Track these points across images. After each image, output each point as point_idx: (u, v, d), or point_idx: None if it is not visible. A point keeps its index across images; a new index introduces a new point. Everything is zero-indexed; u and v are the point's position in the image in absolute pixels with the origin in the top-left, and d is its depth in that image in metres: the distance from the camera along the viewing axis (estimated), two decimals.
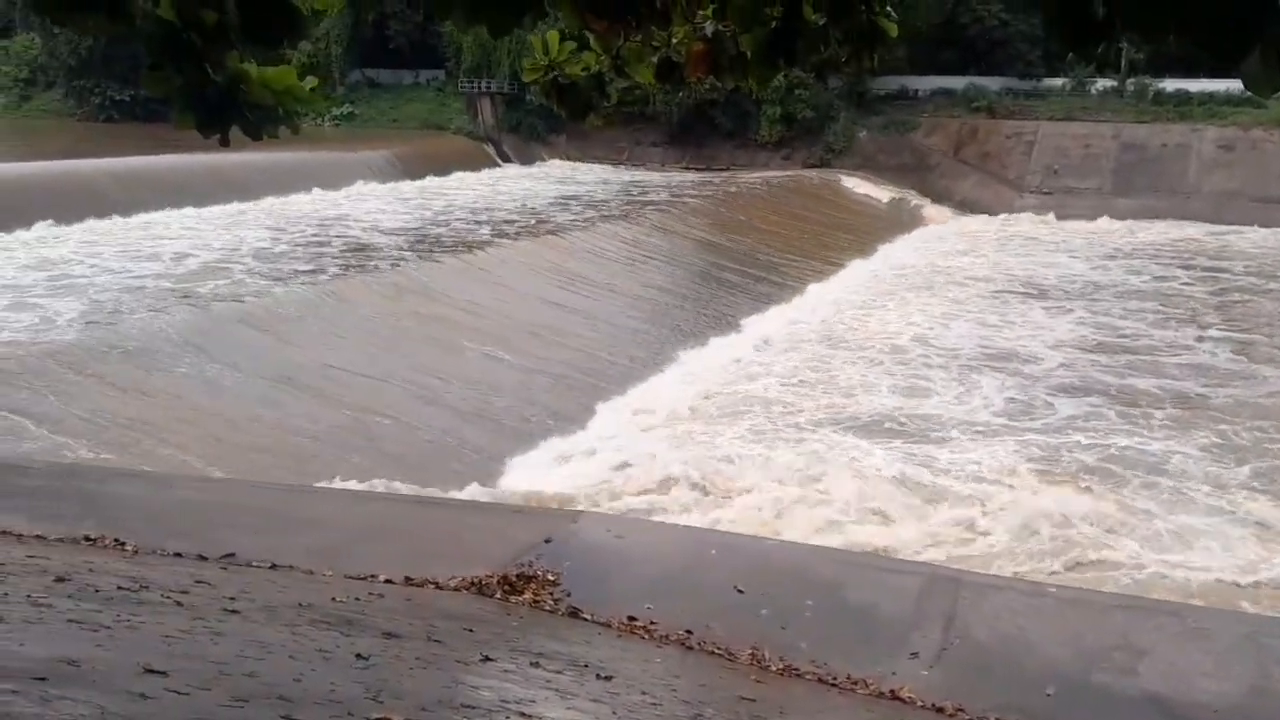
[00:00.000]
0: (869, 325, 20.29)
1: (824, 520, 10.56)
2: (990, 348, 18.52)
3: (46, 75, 58.36)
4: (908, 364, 17.26)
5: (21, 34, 60.25)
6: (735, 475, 11.73)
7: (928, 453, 12.73)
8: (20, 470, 6.73)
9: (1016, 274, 26.64)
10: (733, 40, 3.06)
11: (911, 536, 10.27)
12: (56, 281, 17.35)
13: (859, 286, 24.91)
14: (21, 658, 2.16)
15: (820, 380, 16.14)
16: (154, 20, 2.15)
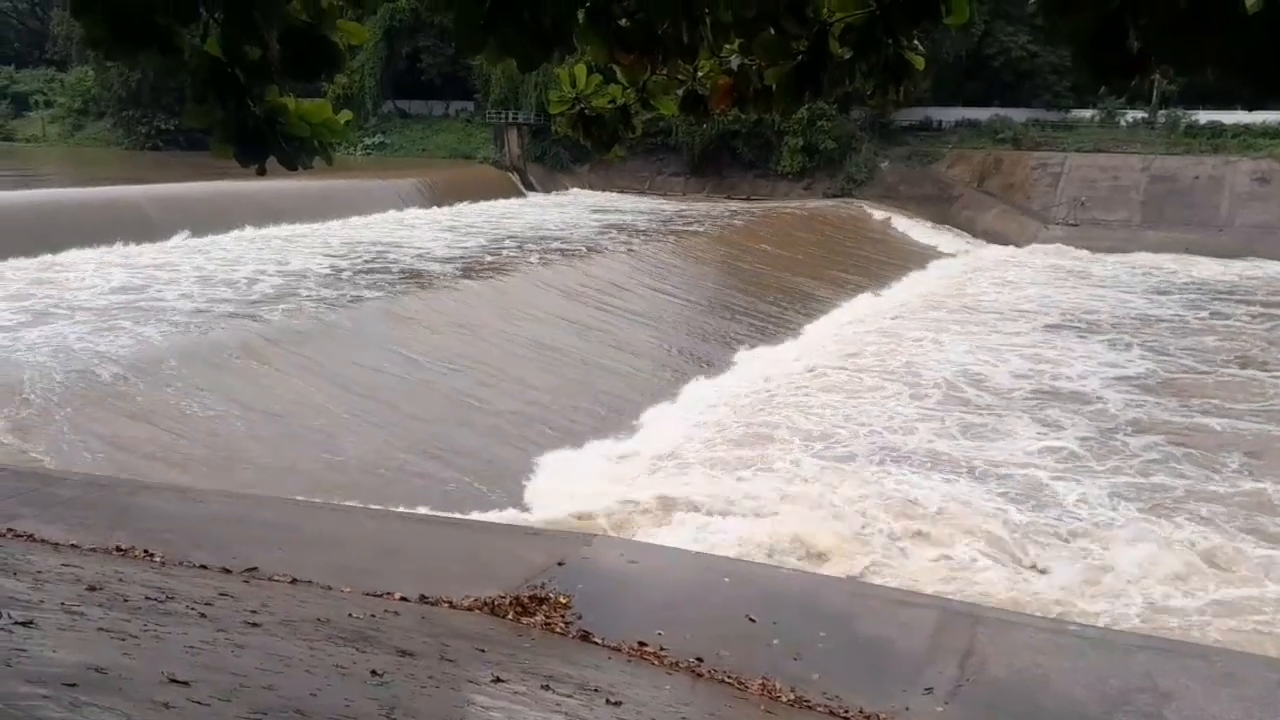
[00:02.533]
0: (913, 358, 19.89)
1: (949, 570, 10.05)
2: (1047, 386, 17.95)
3: (98, 106, 60.38)
4: (964, 402, 16.78)
5: (77, 67, 62.14)
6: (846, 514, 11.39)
7: (1023, 496, 12.23)
8: (59, 481, 6.85)
9: (1060, 307, 26.34)
10: (758, 74, 3.12)
11: (1045, 588, 9.75)
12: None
13: (886, 315, 24.94)
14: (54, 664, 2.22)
15: (884, 416, 15.78)
16: (201, 55, 2.24)
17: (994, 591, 9.40)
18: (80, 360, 12.96)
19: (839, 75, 2.74)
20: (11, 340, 13.96)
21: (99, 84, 58.24)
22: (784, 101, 2.85)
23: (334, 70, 2.36)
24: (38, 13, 75.09)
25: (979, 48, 45.30)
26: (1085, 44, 1.89)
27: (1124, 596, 9.54)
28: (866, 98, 3.07)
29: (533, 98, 46.28)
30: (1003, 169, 43.33)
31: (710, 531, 10.56)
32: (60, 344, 13.74)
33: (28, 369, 12.41)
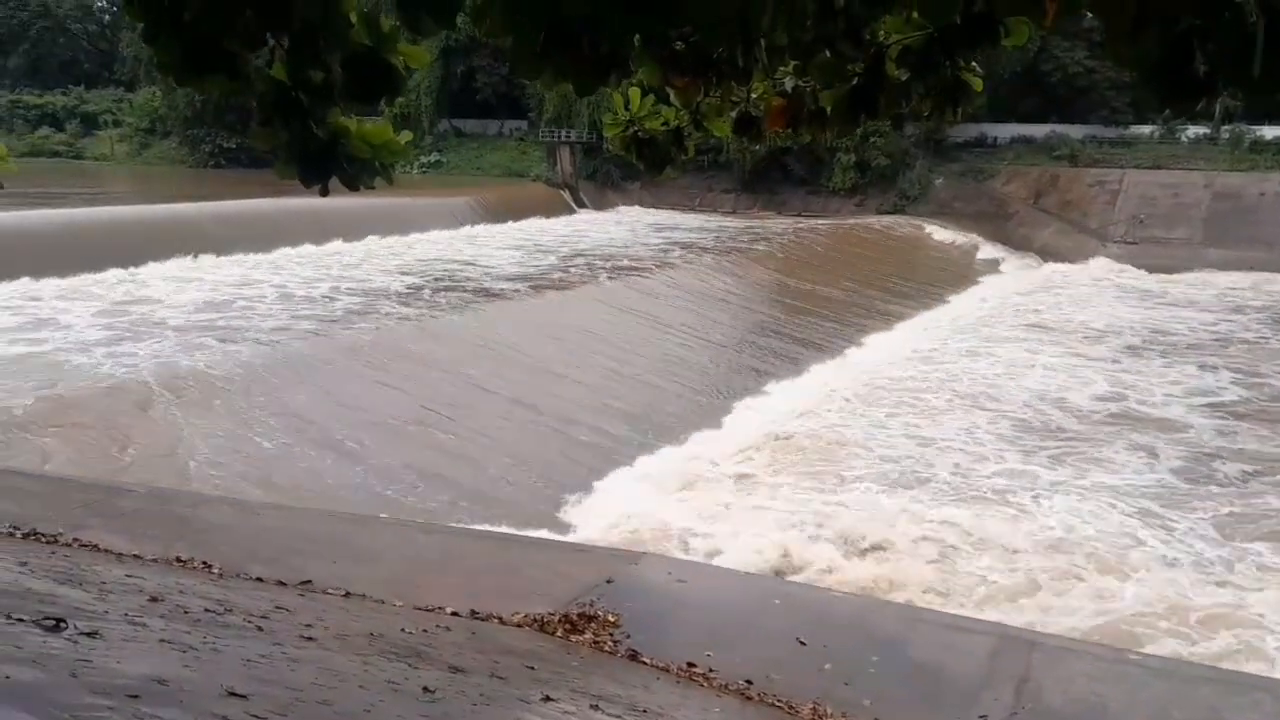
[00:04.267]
0: (987, 379, 19.55)
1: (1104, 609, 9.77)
2: (1134, 411, 17.50)
3: (164, 125, 62.55)
4: (1050, 428, 16.31)
5: (144, 87, 64.34)
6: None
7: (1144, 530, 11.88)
8: (123, 493, 7.02)
9: (1134, 326, 25.89)
10: (812, 95, 3.12)
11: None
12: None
13: (950, 333, 24.70)
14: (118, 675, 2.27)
15: (966, 440, 15.45)
16: (267, 79, 2.30)
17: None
18: (187, 368, 13.50)
19: (895, 97, 2.73)
20: (110, 353, 14.46)
21: (165, 104, 60.18)
22: (839, 123, 2.85)
23: (394, 93, 2.41)
24: (108, 34, 77.69)
25: (1035, 63, 44.77)
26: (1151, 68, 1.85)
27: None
28: (922, 117, 3.06)
29: (585, 116, 46.79)
30: (1059, 186, 42.69)
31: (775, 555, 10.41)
32: (164, 359, 14.25)
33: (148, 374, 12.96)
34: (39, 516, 5.73)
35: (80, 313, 17.58)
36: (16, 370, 13.48)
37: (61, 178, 46.24)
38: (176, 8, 2.23)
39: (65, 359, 14.27)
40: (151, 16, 2.27)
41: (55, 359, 14.29)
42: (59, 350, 14.81)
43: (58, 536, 5.24)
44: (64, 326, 16.46)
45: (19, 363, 13.96)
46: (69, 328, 16.39)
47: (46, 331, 16.04)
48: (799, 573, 10.13)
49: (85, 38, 78.39)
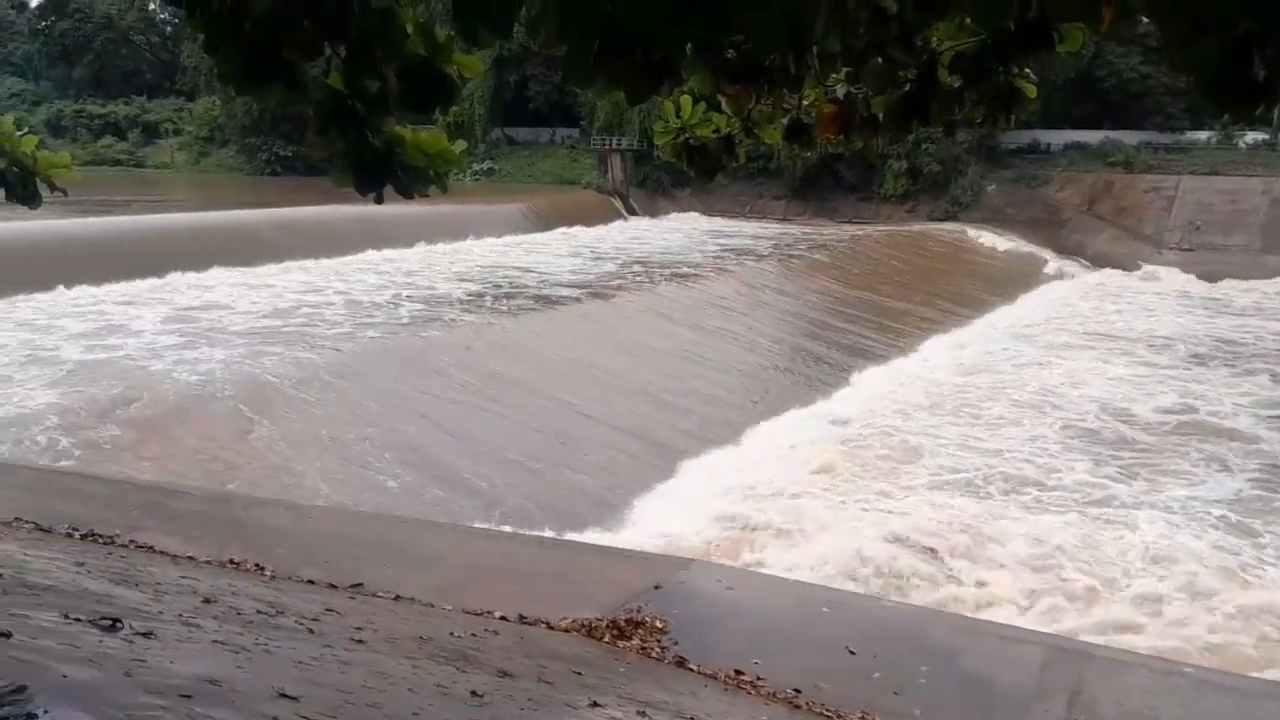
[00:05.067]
0: (1047, 386, 19.16)
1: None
2: (1205, 422, 16.93)
3: (222, 134, 64.13)
4: (1117, 438, 15.86)
5: (204, 97, 66.01)
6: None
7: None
8: (179, 495, 7.17)
9: (1198, 335, 25.26)
10: (864, 102, 3.10)
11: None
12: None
13: (1007, 338, 24.40)
14: (172, 675, 2.31)
15: (1030, 450, 15.14)
16: (323, 89, 2.34)
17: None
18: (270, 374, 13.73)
19: (948, 103, 2.69)
20: (181, 359, 14.78)
21: (224, 113, 61.59)
22: (891, 130, 2.82)
23: (449, 103, 2.43)
24: (169, 45, 79.60)
25: (1089, 69, 44.06)
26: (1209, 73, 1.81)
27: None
28: (975, 124, 3.02)
29: (636, 124, 46.96)
30: (1114, 192, 41.93)
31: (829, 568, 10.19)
32: (236, 364, 14.44)
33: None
34: (97, 518, 5.87)
35: (150, 319, 17.93)
36: (95, 376, 13.68)
37: (123, 186, 47.49)
38: (237, 19, 2.27)
39: (139, 364, 14.47)
40: (212, 27, 2.32)
41: (128, 364, 14.49)
42: (131, 356, 15.01)
43: (115, 537, 5.36)
44: (134, 332, 16.75)
45: (97, 369, 14.16)
46: (139, 333, 16.68)
47: (117, 338, 16.33)
48: (888, 587, 9.92)
49: (147, 49, 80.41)
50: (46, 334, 16.37)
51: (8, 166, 3.49)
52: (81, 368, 14.19)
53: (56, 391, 12.73)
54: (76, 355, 14.96)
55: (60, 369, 14.03)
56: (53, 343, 15.73)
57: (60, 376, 13.61)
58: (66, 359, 14.65)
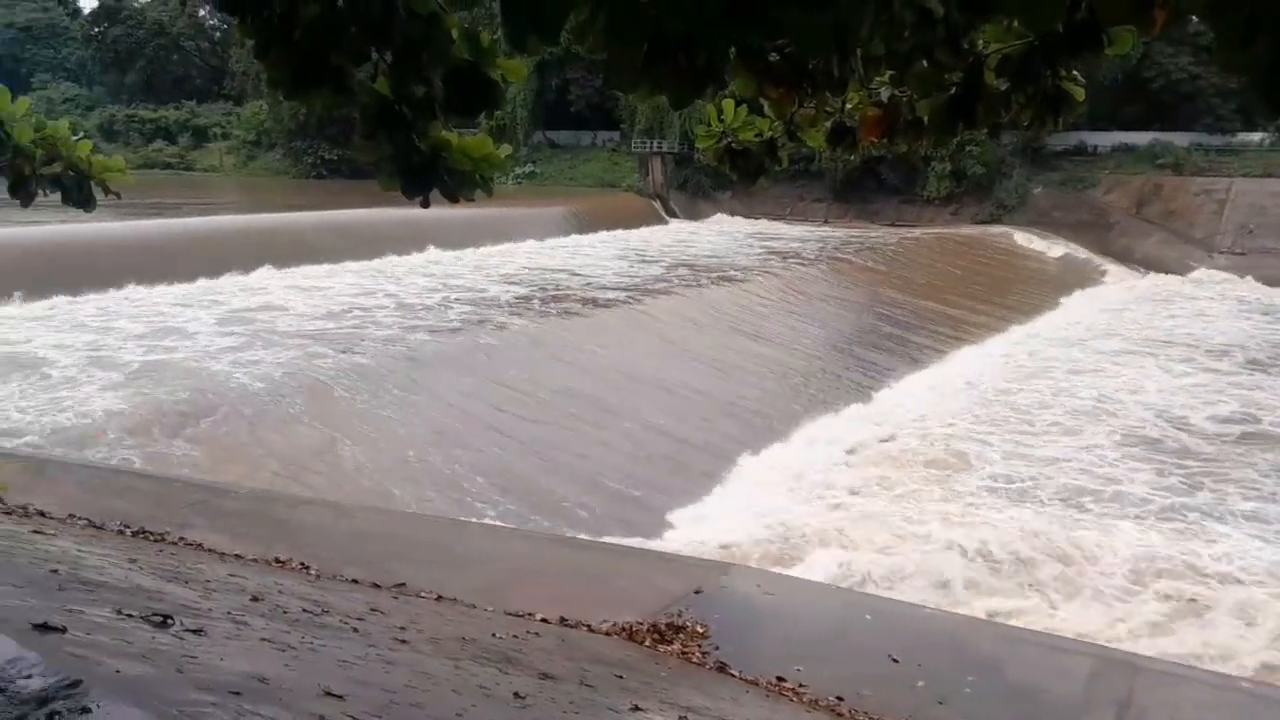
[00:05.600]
0: (1101, 393, 18.72)
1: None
2: (1265, 433, 16.38)
3: (269, 138, 65.35)
4: (1180, 448, 15.38)
5: (252, 101, 67.32)
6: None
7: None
8: (227, 494, 7.30)
9: (1256, 340, 24.63)
10: (909, 105, 3.07)
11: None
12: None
13: (1057, 343, 24.04)
14: (221, 671, 2.34)
15: (1087, 459, 14.75)
16: (371, 94, 2.37)
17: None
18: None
19: (994, 106, 2.66)
20: (237, 360, 15.00)
21: (271, 117, 62.72)
22: (936, 133, 2.79)
23: (494, 107, 2.45)
24: (218, 51, 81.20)
25: (1137, 70, 43.31)
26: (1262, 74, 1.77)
27: None
28: (1022, 127, 2.98)
29: (677, 127, 47.05)
30: (1163, 195, 41.15)
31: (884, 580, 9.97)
32: (292, 366, 14.64)
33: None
34: (148, 515, 5.99)
35: (206, 320, 18.22)
36: (158, 380, 13.85)
37: (173, 188, 48.45)
38: (286, 25, 2.31)
39: (199, 366, 14.68)
40: (262, 34, 2.35)
41: (189, 366, 14.71)
42: (193, 359, 15.22)
43: (165, 535, 5.46)
44: (190, 335, 17.01)
45: (160, 373, 14.35)
46: (195, 335, 16.94)
47: (173, 340, 16.61)
48: (946, 595, 9.65)
49: (197, 55, 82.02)
50: (106, 334, 16.69)
51: (64, 170, 3.57)
52: (144, 371, 14.35)
53: (124, 400, 12.74)
54: (138, 357, 15.18)
55: (122, 372, 14.20)
56: (114, 343, 16.01)
57: (122, 380, 13.76)
58: (128, 360, 14.88)
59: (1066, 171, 44.54)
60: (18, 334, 16.46)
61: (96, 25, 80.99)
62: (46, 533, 4.00)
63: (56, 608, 2.47)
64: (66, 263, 20.93)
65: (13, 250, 21.30)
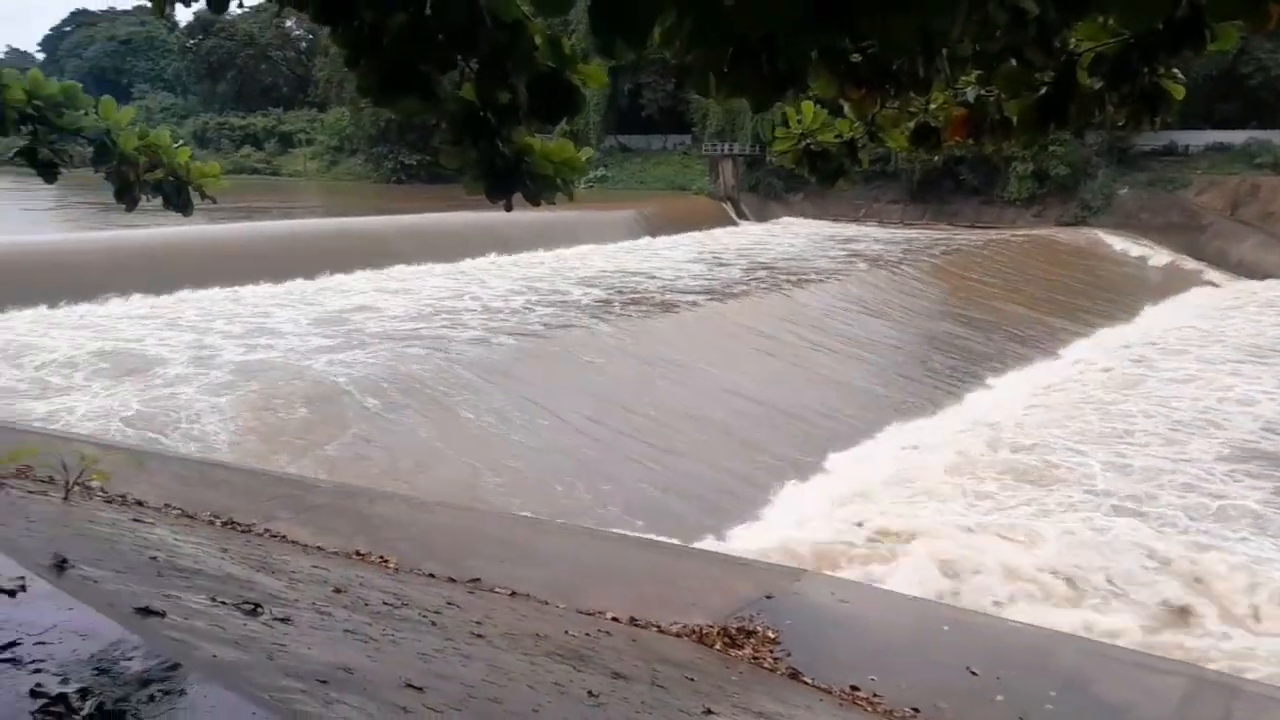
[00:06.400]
0: (1206, 404, 17.95)
1: None
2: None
3: (351, 143, 67.17)
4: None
5: (335, 108, 69.23)
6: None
7: None
8: (312, 488, 7.50)
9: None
10: (996, 105, 3.01)
11: None
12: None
13: (1158, 350, 23.29)
14: (308, 660, 2.41)
15: (1196, 474, 14.15)
16: (457, 101, 2.42)
17: None
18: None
19: (1087, 106, 2.60)
20: (333, 360, 15.29)
21: (353, 123, 64.35)
22: (1025, 133, 2.74)
23: (576, 112, 2.48)
24: (304, 60, 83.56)
25: (1233, 66, 41.62)
26: None
27: None
28: (1117, 127, 2.90)
29: (749, 129, 46.82)
30: (1260, 196, 39.50)
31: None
32: (384, 364, 14.90)
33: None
34: (236, 506, 6.19)
35: (299, 320, 18.73)
36: (255, 374, 14.26)
37: (261, 193, 49.97)
38: (375, 35, 2.38)
39: (298, 364, 15.05)
40: (353, 43, 2.43)
41: (289, 364, 15.09)
42: (287, 357, 15.62)
43: (252, 526, 5.63)
44: (283, 334, 17.49)
45: (255, 368, 14.75)
46: (287, 335, 17.42)
47: (267, 338, 17.09)
48: (1041, 609, 9.30)
49: (284, 64, 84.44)
50: (206, 333, 17.28)
51: (165, 176, 3.73)
52: (243, 369, 14.71)
53: (225, 397, 13.09)
54: (238, 356, 15.62)
55: (223, 370, 14.61)
56: (214, 341, 16.55)
57: (224, 377, 14.14)
58: (227, 360, 15.31)
59: (1155, 172, 43.07)
60: (129, 331, 17.13)
61: (192, 37, 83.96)
62: (145, 521, 4.17)
63: (156, 593, 2.57)
64: (172, 264, 21.75)
65: (116, 252, 22.25)
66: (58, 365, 14.75)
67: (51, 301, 18.84)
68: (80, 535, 3.35)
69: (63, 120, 3.66)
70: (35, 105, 3.59)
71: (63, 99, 3.65)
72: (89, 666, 1.89)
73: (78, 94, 3.67)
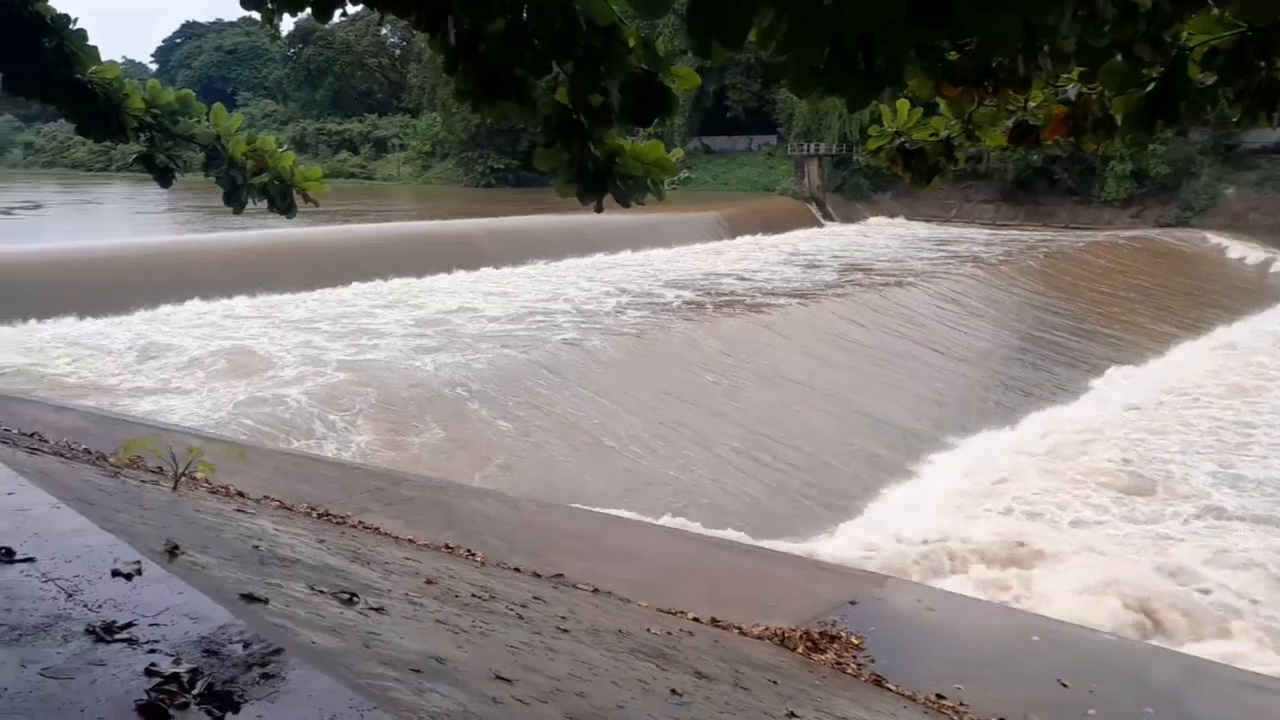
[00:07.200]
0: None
1: None
2: None
3: (443, 148, 68.72)
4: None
5: (427, 113, 70.90)
6: None
7: None
8: (402, 481, 7.70)
9: None
10: (1099, 102, 2.93)
11: None
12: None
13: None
14: (402, 649, 2.48)
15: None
16: (551, 104, 2.46)
17: None
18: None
19: (1199, 102, 2.50)
20: (437, 361, 15.54)
21: (445, 129, 65.80)
22: (1131, 131, 2.64)
23: (668, 114, 2.49)
24: (397, 66, 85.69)
25: None
26: None
27: None
28: (1232, 124, 2.78)
29: (835, 129, 46.33)
30: None
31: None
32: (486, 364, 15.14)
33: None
34: (331, 499, 6.38)
35: (402, 320, 19.15)
36: (359, 371, 14.56)
37: (357, 196, 51.39)
38: (473, 40, 2.43)
39: (402, 363, 15.33)
40: (450, 49, 2.48)
41: (394, 363, 15.38)
42: (392, 356, 15.92)
43: (346, 518, 5.80)
44: (387, 334, 17.85)
45: (359, 366, 15.08)
46: (389, 335, 17.77)
47: (370, 339, 17.47)
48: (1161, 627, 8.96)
49: (379, 70, 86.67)
50: (313, 331, 17.80)
51: (271, 180, 3.87)
52: (348, 366, 15.01)
53: (330, 391, 13.34)
54: (344, 356, 15.98)
55: (330, 366, 14.95)
56: (320, 341, 17.01)
57: (331, 374, 14.47)
58: (333, 358, 15.68)
59: (1264, 170, 41.12)
60: (241, 330, 17.78)
61: (292, 46, 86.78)
62: (247, 511, 4.33)
63: (259, 580, 2.67)
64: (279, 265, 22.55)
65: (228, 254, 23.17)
66: (176, 361, 15.34)
67: (171, 300, 19.63)
68: (189, 523, 3.50)
69: (178, 127, 3.83)
70: (153, 113, 3.76)
71: (178, 107, 3.82)
72: (199, 648, 1.98)
73: (192, 102, 3.84)
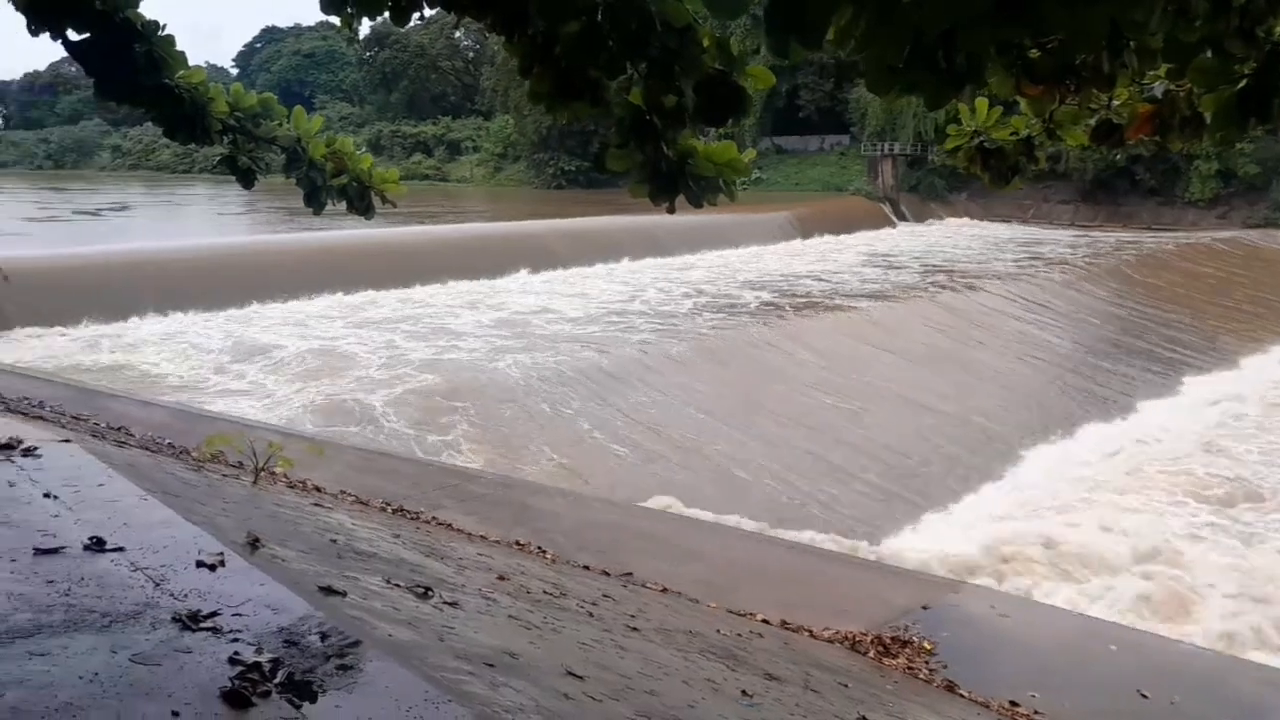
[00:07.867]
0: None
1: None
2: None
3: (514, 150, 69.63)
4: None
5: (499, 116, 71.86)
6: None
7: None
8: (474, 478, 7.82)
9: None
10: (1187, 100, 2.85)
11: None
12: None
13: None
14: (476, 644, 2.52)
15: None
16: (624, 105, 2.48)
17: None
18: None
19: None
20: (517, 361, 15.64)
21: (517, 131, 66.62)
22: (1221, 130, 2.56)
23: (742, 114, 2.49)
24: (471, 69, 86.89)
25: None
26: None
27: None
28: None
29: (910, 129, 45.65)
30: None
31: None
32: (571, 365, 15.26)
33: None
34: (405, 494, 6.51)
35: (481, 320, 19.33)
36: (439, 370, 14.75)
37: (431, 198, 52.23)
38: (548, 43, 2.45)
39: (481, 363, 15.47)
40: (526, 51, 2.51)
41: (474, 363, 15.53)
42: (472, 357, 16.06)
43: (420, 514, 5.91)
44: (463, 334, 18.02)
45: (439, 365, 15.26)
46: (468, 335, 17.91)
47: (446, 339, 17.63)
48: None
49: (453, 73, 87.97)
50: (393, 331, 18.02)
51: (349, 182, 3.97)
52: (429, 365, 15.13)
53: (410, 390, 13.45)
54: (426, 355, 16.12)
55: (411, 365, 15.10)
56: (400, 341, 17.20)
57: (411, 373, 14.59)
58: (415, 358, 15.84)
59: None
60: (329, 330, 18.20)
61: (368, 50, 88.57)
62: (324, 506, 4.45)
63: (337, 573, 2.74)
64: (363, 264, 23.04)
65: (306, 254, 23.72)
66: (265, 362, 15.69)
67: (259, 299, 20.19)
68: (269, 516, 3.60)
69: (260, 130, 3.95)
70: (236, 116, 3.88)
71: (260, 110, 3.94)
72: (279, 638, 2.04)
73: (273, 105, 3.95)
